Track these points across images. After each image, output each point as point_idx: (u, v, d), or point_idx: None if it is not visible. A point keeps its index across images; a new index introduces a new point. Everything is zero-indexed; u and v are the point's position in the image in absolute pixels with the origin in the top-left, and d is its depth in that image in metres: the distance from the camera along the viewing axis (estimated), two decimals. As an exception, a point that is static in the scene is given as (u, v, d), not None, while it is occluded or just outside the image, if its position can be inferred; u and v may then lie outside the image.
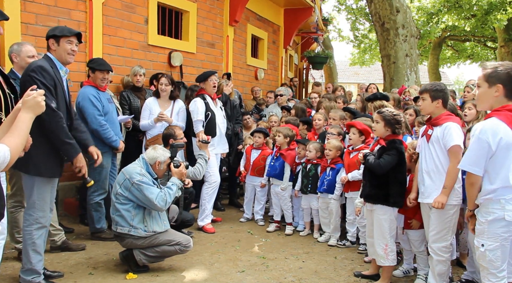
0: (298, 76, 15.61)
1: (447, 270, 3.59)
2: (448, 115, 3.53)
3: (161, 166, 4.10)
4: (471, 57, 27.03)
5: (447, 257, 3.55)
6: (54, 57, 3.51)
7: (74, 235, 5.07)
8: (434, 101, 3.53)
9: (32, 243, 3.49)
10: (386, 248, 3.82)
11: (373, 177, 3.87)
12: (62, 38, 3.52)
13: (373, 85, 8.47)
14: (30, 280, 3.51)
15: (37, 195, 3.50)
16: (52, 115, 3.35)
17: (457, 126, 3.46)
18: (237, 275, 4.11)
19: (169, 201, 3.92)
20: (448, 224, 3.50)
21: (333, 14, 23.22)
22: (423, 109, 3.67)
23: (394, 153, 3.79)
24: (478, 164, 2.81)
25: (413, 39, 11.74)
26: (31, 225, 3.50)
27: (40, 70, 3.36)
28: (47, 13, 5.31)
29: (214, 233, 5.39)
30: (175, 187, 4.00)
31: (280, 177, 5.59)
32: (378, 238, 3.85)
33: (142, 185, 3.86)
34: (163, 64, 7.19)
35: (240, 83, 9.48)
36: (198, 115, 5.37)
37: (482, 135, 2.79)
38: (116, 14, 6.24)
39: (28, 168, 3.46)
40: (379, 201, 3.83)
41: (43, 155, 3.47)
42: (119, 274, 4.00)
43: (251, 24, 10.14)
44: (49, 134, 3.43)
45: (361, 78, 33.62)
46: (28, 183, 3.52)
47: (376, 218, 3.86)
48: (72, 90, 5.46)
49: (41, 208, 3.53)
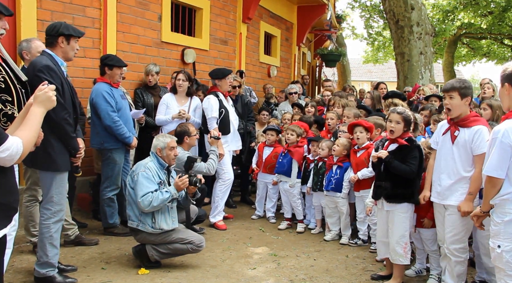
0: (311, 74, 15.56)
1: (465, 270, 3.57)
2: (476, 116, 3.40)
3: (163, 152, 4.12)
4: (487, 55, 26.57)
5: (465, 257, 3.53)
6: (54, 54, 3.55)
7: (87, 230, 5.12)
8: (464, 99, 3.37)
9: (50, 236, 3.56)
10: (405, 247, 3.80)
11: (397, 177, 3.79)
12: (72, 37, 3.59)
13: (383, 84, 8.38)
14: (45, 273, 3.56)
15: (55, 189, 3.57)
16: (59, 110, 3.40)
17: (487, 131, 3.30)
18: (248, 272, 4.12)
19: (154, 205, 3.83)
20: (466, 226, 3.46)
21: (347, 12, 23.04)
22: (453, 109, 3.45)
23: (417, 154, 3.76)
24: (502, 168, 2.75)
25: (427, 37, 11.61)
26: (49, 218, 3.56)
27: (47, 69, 3.42)
28: (63, 10, 5.37)
29: (226, 230, 5.41)
30: (168, 194, 3.92)
31: (288, 174, 5.57)
32: (398, 237, 3.80)
33: (139, 178, 3.93)
34: (176, 61, 7.22)
35: (252, 80, 9.48)
36: (213, 113, 5.39)
37: (504, 138, 2.73)
38: (130, 11, 6.28)
39: (47, 165, 3.54)
40: (404, 200, 3.78)
41: (59, 150, 3.55)
42: (131, 269, 4.04)
43: (264, 21, 10.12)
44: (56, 129, 3.50)
45: (374, 76, 33.35)
46: (47, 179, 3.58)
47: (397, 217, 3.80)
48: (85, 86, 5.53)
49: (59, 202, 3.60)
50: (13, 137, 2.10)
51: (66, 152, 3.62)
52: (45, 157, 3.49)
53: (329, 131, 5.94)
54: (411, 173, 3.73)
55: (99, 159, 5.17)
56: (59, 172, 3.58)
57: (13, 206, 2.23)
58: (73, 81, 4.96)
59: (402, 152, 3.79)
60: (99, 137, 4.84)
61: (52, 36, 3.55)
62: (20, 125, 2.27)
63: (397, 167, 3.73)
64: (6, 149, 2.05)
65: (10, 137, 2.09)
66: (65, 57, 3.61)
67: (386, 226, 3.93)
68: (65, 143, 3.58)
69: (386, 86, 8.33)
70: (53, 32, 3.55)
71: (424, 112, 5.51)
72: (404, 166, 3.73)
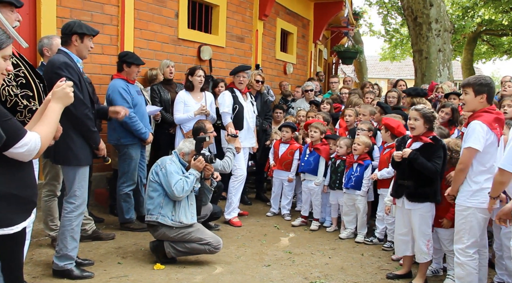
0: (327, 71, 15.46)
1: (467, 276, 3.32)
2: (482, 112, 3.29)
3: (185, 158, 4.26)
4: (508, 53, 26.02)
5: (465, 261, 3.32)
6: (70, 52, 3.60)
7: (103, 224, 5.18)
8: (478, 96, 3.30)
9: (71, 229, 3.62)
10: (428, 244, 3.78)
11: (420, 176, 3.74)
12: (86, 36, 3.63)
13: (402, 81, 8.28)
14: (63, 266, 3.62)
15: (77, 184, 3.64)
16: (79, 105, 3.45)
17: (481, 126, 3.21)
18: (263, 269, 4.12)
19: (187, 189, 4.00)
20: (463, 226, 3.32)
21: (364, 8, 22.85)
22: (466, 104, 3.43)
23: (441, 154, 3.71)
24: None
25: (446, 34, 11.42)
26: (71, 212, 3.63)
27: (66, 66, 3.47)
28: (81, 7, 5.43)
29: (241, 226, 5.42)
30: (192, 176, 4.09)
31: (314, 172, 5.53)
32: (421, 235, 3.78)
33: (167, 169, 4.05)
34: (193, 58, 7.25)
35: (269, 77, 9.45)
36: (224, 108, 5.43)
37: None
38: (147, 8, 6.32)
39: (69, 160, 3.61)
40: (428, 199, 3.74)
41: (80, 145, 3.62)
42: (147, 264, 4.07)
43: (281, 18, 10.09)
44: (77, 124, 3.56)
45: (391, 74, 33.02)
46: (70, 174, 3.65)
47: (421, 216, 3.76)
48: (103, 82, 5.59)
49: (81, 196, 3.67)
50: (31, 133, 2.14)
51: (87, 147, 3.68)
52: (67, 152, 3.56)
53: (346, 128, 5.90)
54: (435, 172, 3.69)
55: (116, 155, 5.22)
56: (81, 167, 3.65)
57: (32, 200, 2.27)
58: (91, 78, 5.01)
59: (427, 151, 3.74)
60: (115, 133, 4.89)
61: (66, 35, 3.61)
62: (38, 120, 2.30)
63: (422, 164, 3.69)
64: (24, 144, 2.09)
65: (28, 132, 2.13)
66: (80, 55, 3.66)
67: (407, 224, 3.89)
68: (87, 137, 3.65)
69: (405, 84, 8.24)
70: (67, 31, 3.60)
71: (445, 110, 5.39)
72: (430, 164, 3.68)
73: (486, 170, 3.27)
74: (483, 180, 3.26)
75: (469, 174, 3.31)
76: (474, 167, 3.28)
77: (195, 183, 4.13)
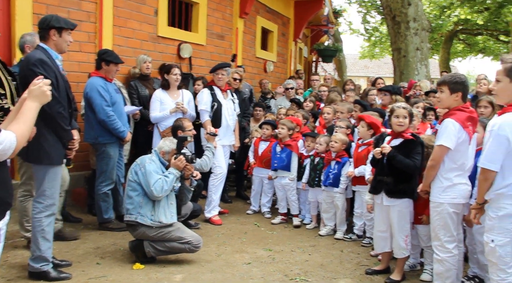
0: (307, 69, 15.53)
1: (445, 272, 3.39)
2: (456, 110, 3.35)
3: (165, 157, 4.21)
4: (483, 51, 26.63)
5: (444, 258, 3.38)
6: (48, 47, 3.53)
7: (82, 225, 5.11)
8: (453, 94, 3.36)
9: (42, 230, 3.54)
10: (406, 240, 3.86)
11: (400, 173, 3.81)
12: (64, 30, 3.57)
13: (381, 80, 8.38)
14: (39, 268, 3.55)
15: (47, 183, 3.56)
16: (53, 103, 3.37)
17: (454, 124, 3.26)
18: (243, 267, 4.13)
19: (166, 188, 3.97)
20: (438, 222, 3.39)
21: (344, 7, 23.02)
22: (441, 102, 3.50)
23: (420, 150, 3.79)
24: (496, 161, 2.78)
25: (424, 33, 11.60)
26: (40, 212, 3.55)
27: (41, 63, 3.40)
28: (58, 3, 5.33)
29: (221, 225, 5.41)
30: (172, 175, 4.05)
31: (288, 169, 5.58)
32: (399, 231, 3.85)
33: (147, 169, 4.01)
34: (173, 55, 7.19)
35: (249, 75, 9.44)
36: (202, 105, 5.43)
37: (501, 131, 2.75)
38: (126, 5, 6.24)
39: (41, 159, 3.53)
40: (406, 195, 3.81)
41: (53, 144, 3.55)
42: (126, 264, 4.04)
43: (261, 16, 10.09)
44: (50, 122, 3.49)
45: (370, 72, 33.39)
46: (40, 173, 3.58)
47: (399, 212, 3.84)
48: (80, 80, 5.50)
49: (51, 196, 3.59)
50: (6, 131, 2.09)
51: (60, 146, 3.61)
52: (38, 150, 3.48)
53: (325, 125, 5.95)
54: (415, 168, 3.76)
55: (94, 154, 5.15)
56: (52, 166, 3.57)
57: (6, 201, 2.22)
58: (68, 76, 4.89)
59: (407, 147, 3.81)
60: (93, 131, 4.82)
61: (43, 29, 3.53)
62: (13, 119, 2.26)
63: (401, 161, 3.75)
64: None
65: (3, 131, 2.08)
66: (59, 50, 3.60)
67: (386, 221, 3.95)
68: (59, 136, 3.58)
69: (383, 82, 8.33)
70: (44, 25, 3.53)
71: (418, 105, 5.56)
72: (408, 161, 3.75)
73: (457, 167, 3.35)
74: (453, 177, 3.35)
75: (441, 171, 3.38)
76: (445, 164, 3.36)
77: (175, 182, 4.10)
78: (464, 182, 3.38)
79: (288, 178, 5.58)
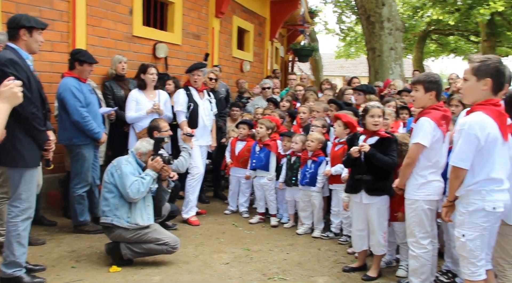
0: (283, 69, 15.60)
1: (420, 268, 3.44)
2: (431, 108, 3.41)
3: (142, 158, 4.18)
4: (454, 51, 27.30)
5: (419, 254, 3.43)
6: (18, 47, 3.45)
7: (57, 228, 5.02)
8: (427, 92, 3.42)
9: (17, 235, 3.45)
10: (384, 236, 3.95)
11: (378, 171, 3.87)
12: (35, 29, 3.48)
13: (356, 79, 8.50)
14: (11, 273, 3.46)
15: (23, 186, 3.47)
16: (26, 104, 3.31)
17: (430, 122, 3.32)
18: (222, 267, 4.13)
19: (142, 190, 3.93)
20: (414, 219, 3.44)
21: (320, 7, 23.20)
22: (416, 101, 3.55)
23: (395, 147, 3.89)
24: (467, 159, 2.84)
25: (398, 33, 11.80)
26: (16, 216, 3.46)
27: (12, 63, 3.31)
28: (29, 1, 5.21)
29: (199, 225, 5.39)
30: (149, 177, 4.02)
31: (266, 168, 5.60)
32: (378, 228, 3.93)
33: (123, 171, 3.96)
34: (148, 55, 7.12)
35: (225, 75, 9.43)
36: (178, 106, 5.41)
37: (471, 130, 2.81)
38: (100, 4, 6.14)
39: (15, 162, 3.44)
40: (385, 192, 3.89)
41: (27, 146, 3.46)
42: (102, 267, 3.98)
43: (237, 16, 10.09)
44: (24, 123, 3.40)
45: (346, 71, 33.70)
46: (15, 176, 3.48)
47: (378, 209, 3.91)
48: (53, 81, 5.39)
49: (27, 200, 3.50)
50: None
51: (35, 148, 3.53)
52: (13, 153, 3.39)
53: (301, 125, 5.99)
54: (394, 165, 3.84)
55: (68, 156, 5.06)
56: (28, 169, 3.48)
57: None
58: (40, 76, 4.80)
59: (384, 145, 3.89)
60: (67, 133, 4.74)
61: (13, 29, 3.44)
62: None
63: (380, 159, 3.82)
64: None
65: (-28, 134, 2.03)
66: (29, 50, 3.51)
67: (364, 219, 4.02)
68: (34, 137, 3.50)
69: (359, 81, 8.44)
70: (13, 24, 3.44)
71: (390, 104, 5.68)
72: (387, 158, 3.83)
73: (431, 165, 3.42)
74: (428, 174, 3.42)
75: (416, 169, 3.45)
76: (420, 162, 3.43)
77: (152, 183, 4.07)
78: (438, 179, 3.46)
79: (267, 178, 5.61)
